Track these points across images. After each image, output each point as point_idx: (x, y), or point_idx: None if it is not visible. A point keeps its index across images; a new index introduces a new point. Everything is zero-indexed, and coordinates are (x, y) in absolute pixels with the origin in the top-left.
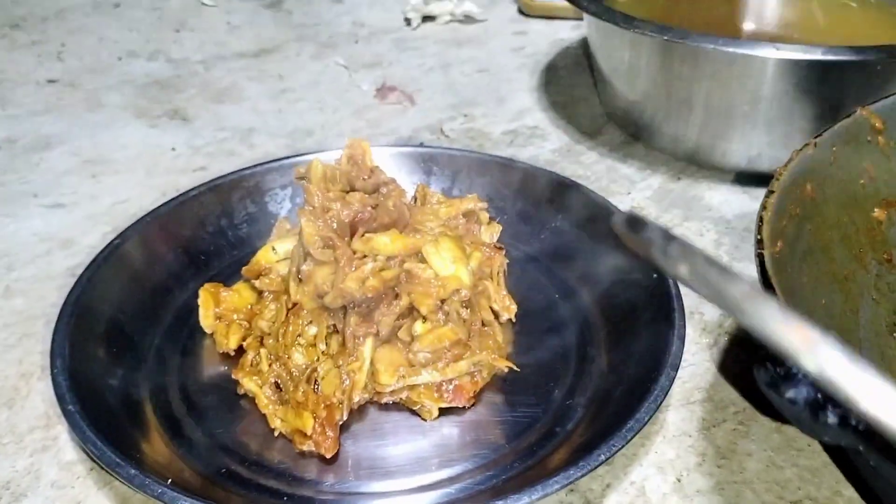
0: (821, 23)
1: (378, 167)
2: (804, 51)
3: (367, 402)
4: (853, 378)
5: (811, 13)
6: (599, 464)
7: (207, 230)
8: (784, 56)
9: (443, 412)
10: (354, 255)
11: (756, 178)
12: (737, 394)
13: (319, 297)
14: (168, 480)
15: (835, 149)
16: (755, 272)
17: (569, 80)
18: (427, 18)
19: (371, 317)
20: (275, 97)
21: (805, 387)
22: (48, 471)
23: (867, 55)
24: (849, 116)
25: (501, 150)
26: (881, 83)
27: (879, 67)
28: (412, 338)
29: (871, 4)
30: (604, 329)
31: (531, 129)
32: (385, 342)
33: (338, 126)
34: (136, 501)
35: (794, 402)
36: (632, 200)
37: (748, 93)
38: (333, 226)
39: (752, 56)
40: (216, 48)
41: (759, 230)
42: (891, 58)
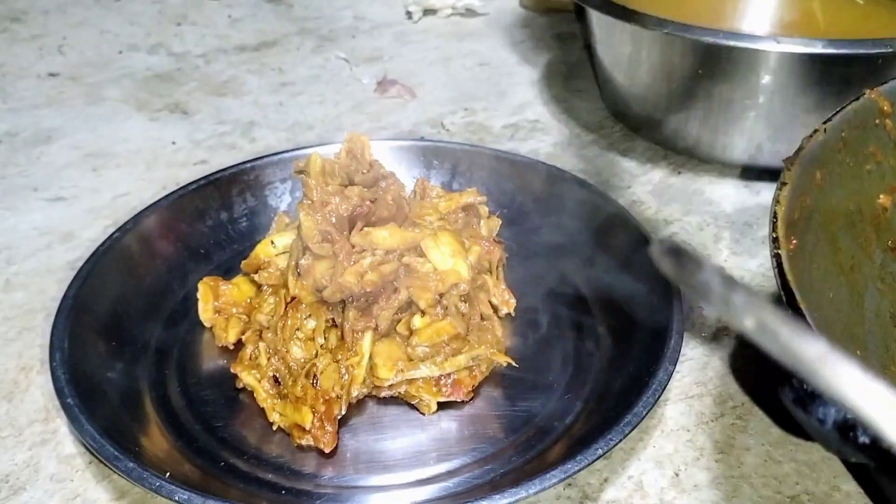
0: (822, 17)
1: (377, 161)
2: (805, 44)
3: (366, 396)
4: None
5: (812, 7)
6: (597, 458)
7: (207, 224)
8: (785, 50)
9: (441, 406)
10: (353, 250)
11: (757, 173)
12: (735, 388)
13: (318, 291)
14: (166, 474)
15: (843, 134)
16: (755, 266)
17: (570, 74)
18: (428, 12)
19: (370, 311)
20: (275, 91)
21: (833, 407)
22: (47, 464)
23: (868, 48)
24: (857, 100)
25: (502, 144)
26: (882, 76)
27: (880, 61)
28: (411, 332)
29: None
30: (602, 323)
31: (532, 123)
32: (384, 336)
33: (338, 120)
34: (135, 494)
35: (823, 422)
36: (632, 194)
37: (749, 87)
38: (332, 220)
39: (753, 49)
40: (217, 42)
41: (774, 227)
42: (892, 51)
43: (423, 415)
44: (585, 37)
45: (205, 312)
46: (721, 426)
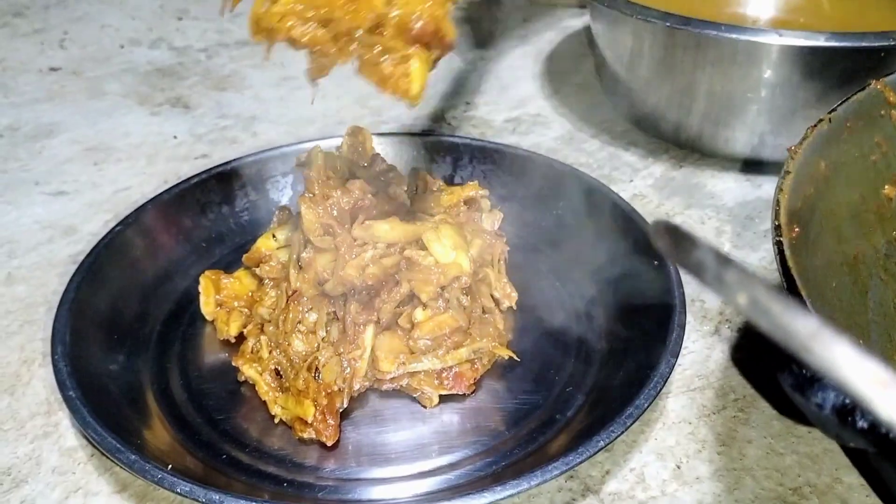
0: (825, 9)
1: (379, 155)
2: (807, 37)
3: (368, 389)
4: None
5: (815, 0)
6: (599, 450)
7: (209, 217)
8: (787, 42)
9: (443, 399)
10: (355, 243)
11: (758, 166)
12: (737, 381)
13: (320, 285)
14: (168, 466)
15: (848, 124)
16: (757, 260)
17: (572, 68)
18: None
19: (371, 304)
20: (277, 85)
21: (832, 391)
22: (49, 457)
23: (870, 41)
24: (862, 90)
25: (504, 138)
26: (885, 69)
27: (883, 54)
28: (412, 325)
29: None
30: (604, 316)
31: (534, 117)
32: (385, 329)
33: (340, 114)
34: (137, 487)
35: (821, 407)
36: (634, 188)
37: (751, 80)
38: (333, 213)
39: (755, 42)
40: (218, 36)
41: (777, 215)
42: (894, 44)
43: (425, 407)
44: (587, 30)
45: (206, 306)
46: (723, 419)
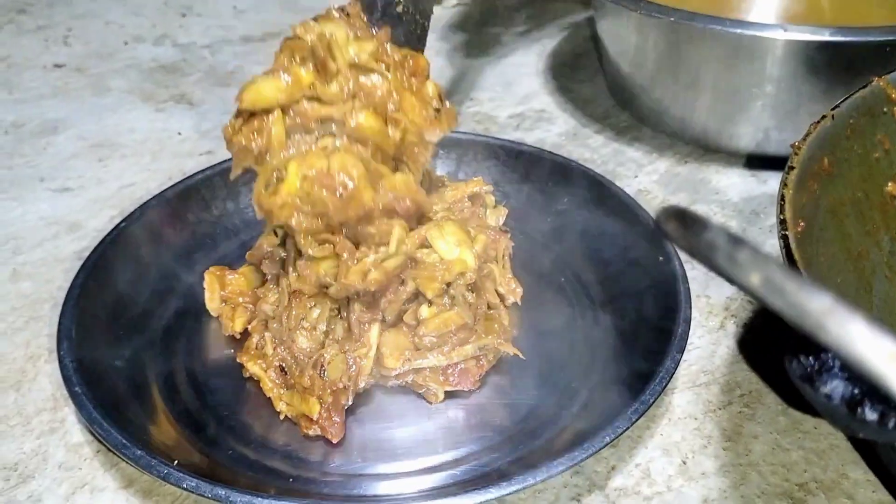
0: (829, 4)
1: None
2: (812, 32)
3: (373, 386)
4: None
5: None
6: (604, 446)
7: (213, 213)
8: (792, 37)
9: (448, 395)
10: (356, 249)
11: (763, 161)
12: (743, 376)
13: (322, 287)
14: (174, 461)
15: (851, 121)
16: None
17: (576, 64)
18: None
19: (376, 303)
20: None
21: (841, 381)
22: (55, 452)
23: (876, 36)
24: (865, 87)
25: (508, 134)
26: (890, 65)
27: (888, 49)
28: (418, 322)
29: None
30: (609, 312)
31: (538, 113)
32: (391, 326)
33: None
34: (143, 482)
35: (830, 398)
36: (639, 184)
37: (756, 75)
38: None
39: (760, 37)
40: (222, 32)
41: (782, 209)
42: None
43: (430, 403)
44: (591, 26)
45: (211, 302)
46: (729, 414)
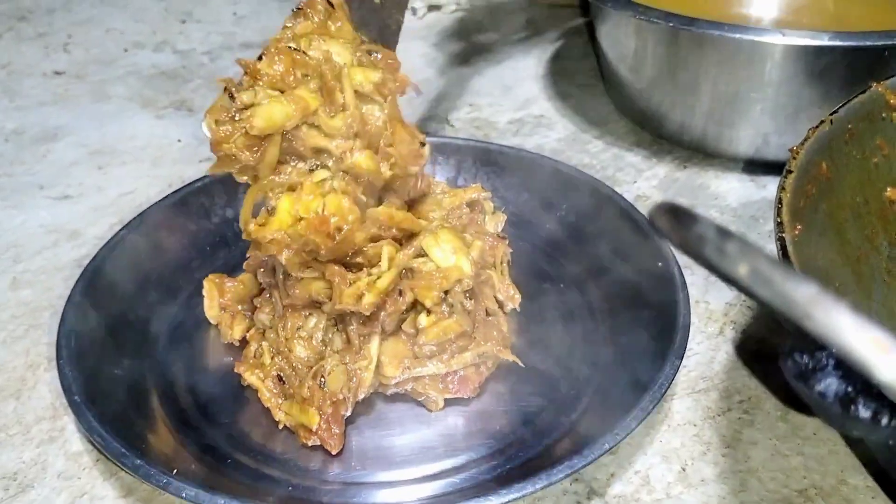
0: (829, 9)
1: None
2: (811, 36)
3: (372, 393)
4: None
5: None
6: (603, 453)
7: (213, 221)
8: (791, 42)
9: (448, 402)
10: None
11: (763, 166)
12: (742, 382)
13: (315, 303)
14: (174, 471)
15: (850, 126)
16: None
17: (575, 69)
18: (433, 7)
19: (376, 315)
20: None
21: (835, 380)
22: (55, 461)
23: (875, 41)
24: (864, 92)
25: (507, 140)
26: (889, 69)
27: (887, 53)
28: (417, 330)
29: None
30: (608, 318)
31: (537, 119)
32: (390, 335)
33: None
34: (143, 492)
35: (824, 396)
36: (638, 189)
37: (755, 80)
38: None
39: (759, 42)
40: (222, 39)
41: (779, 212)
42: None
43: (430, 411)
44: (590, 31)
45: (210, 309)
46: (728, 420)
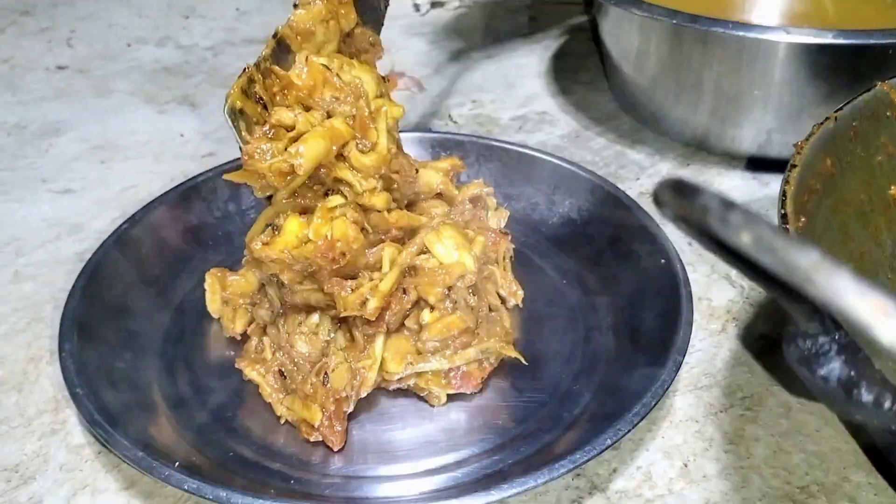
0: (832, 8)
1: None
2: (815, 35)
3: (375, 389)
4: None
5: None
6: (605, 448)
7: (215, 215)
8: (795, 40)
9: (450, 397)
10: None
11: (766, 164)
12: (744, 379)
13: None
14: (175, 463)
15: (855, 124)
16: None
17: (578, 66)
18: (436, 4)
19: (381, 316)
20: None
21: (838, 364)
22: (56, 454)
23: (879, 39)
24: (868, 91)
25: (510, 136)
26: (893, 68)
27: (891, 52)
28: (420, 326)
29: None
30: (611, 314)
31: (540, 115)
32: (393, 331)
33: None
34: (144, 484)
35: (827, 380)
36: (641, 186)
37: (758, 77)
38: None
39: (763, 40)
40: (225, 34)
41: (783, 204)
42: None
43: (432, 406)
44: (593, 28)
45: (212, 303)
46: (730, 417)
